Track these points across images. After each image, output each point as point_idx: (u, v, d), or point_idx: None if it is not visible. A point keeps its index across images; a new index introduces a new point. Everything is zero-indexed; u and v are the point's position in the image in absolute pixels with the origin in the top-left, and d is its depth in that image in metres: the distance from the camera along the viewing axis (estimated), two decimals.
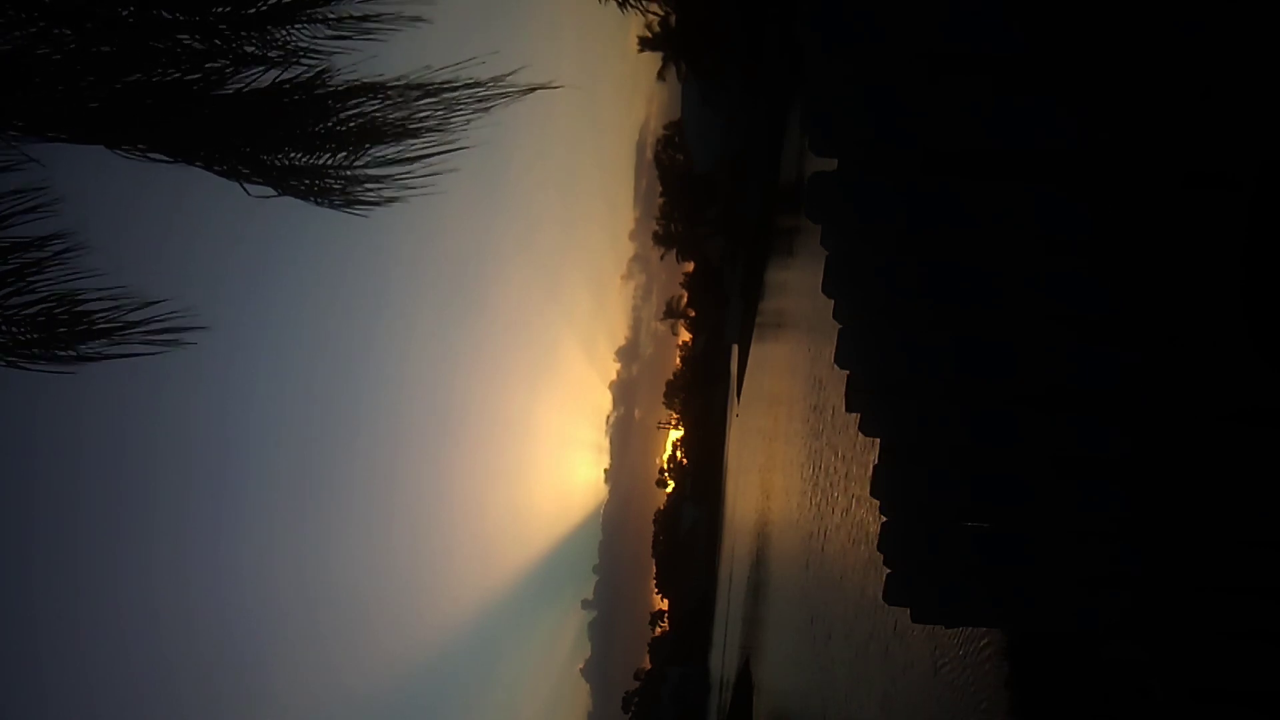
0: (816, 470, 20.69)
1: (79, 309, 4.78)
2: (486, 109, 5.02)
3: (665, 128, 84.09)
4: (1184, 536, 4.59)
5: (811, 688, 18.31)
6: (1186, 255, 4.15)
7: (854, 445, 15.84)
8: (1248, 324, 4.19)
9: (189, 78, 4.68)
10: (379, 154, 5.11)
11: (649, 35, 57.48)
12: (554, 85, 5.27)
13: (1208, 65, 3.90)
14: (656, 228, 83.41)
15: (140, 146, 4.75)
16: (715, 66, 51.37)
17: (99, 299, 4.81)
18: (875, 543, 4.93)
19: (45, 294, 4.74)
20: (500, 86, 4.99)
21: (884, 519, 4.93)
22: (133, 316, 4.83)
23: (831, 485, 18.20)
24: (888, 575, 5.00)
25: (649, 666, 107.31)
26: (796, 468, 24.88)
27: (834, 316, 4.64)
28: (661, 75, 64.39)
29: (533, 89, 5.07)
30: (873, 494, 4.90)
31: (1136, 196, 4.10)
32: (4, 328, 4.73)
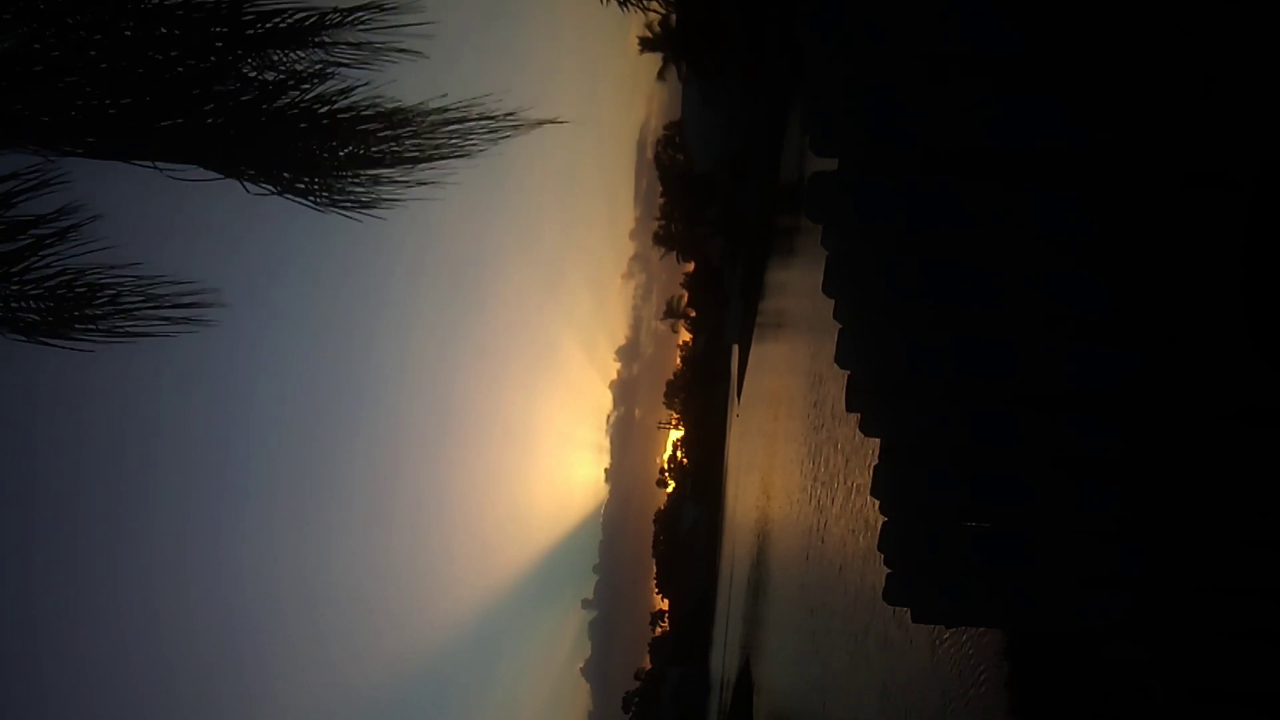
0: (816, 464, 20.82)
1: (96, 285, 4.81)
2: (495, 140, 5.24)
3: (665, 128, 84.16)
4: (1184, 536, 4.59)
5: (812, 678, 18.40)
6: (1186, 255, 4.15)
7: (853, 437, 15.88)
8: (1248, 324, 4.19)
9: (192, 71, 4.70)
10: (381, 151, 5.16)
11: (649, 35, 57.49)
12: (561, 120, 5.57)
13: (1208, 65, 3.90)
14: (657, 228, 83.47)
15: (148, 157, 4.78)
16: (715, 66, 51.36)
17: (116, 276, 4.84)
18: (874, 531, 4.94)
19: (60, 269, 4.75)
20: (511, 120, 5.21)
21: (884, 519, 4.94)
22: (153, 292, 4.87)
23: (831, 477, 18.30)
24: (888, 575, 5.00)
25: (649, 666, 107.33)
26: (797, 464, 24.96)
27: (834, 316, 4.64)
28: (661, 75, 64.35)
29: (540, 123, 5.31)
30: (873, 494, 4.90)
31: (1136, 196, 4.10)
32: (22, 303, 4.76)
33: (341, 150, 5.05)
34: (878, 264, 4.40)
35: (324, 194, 5.19)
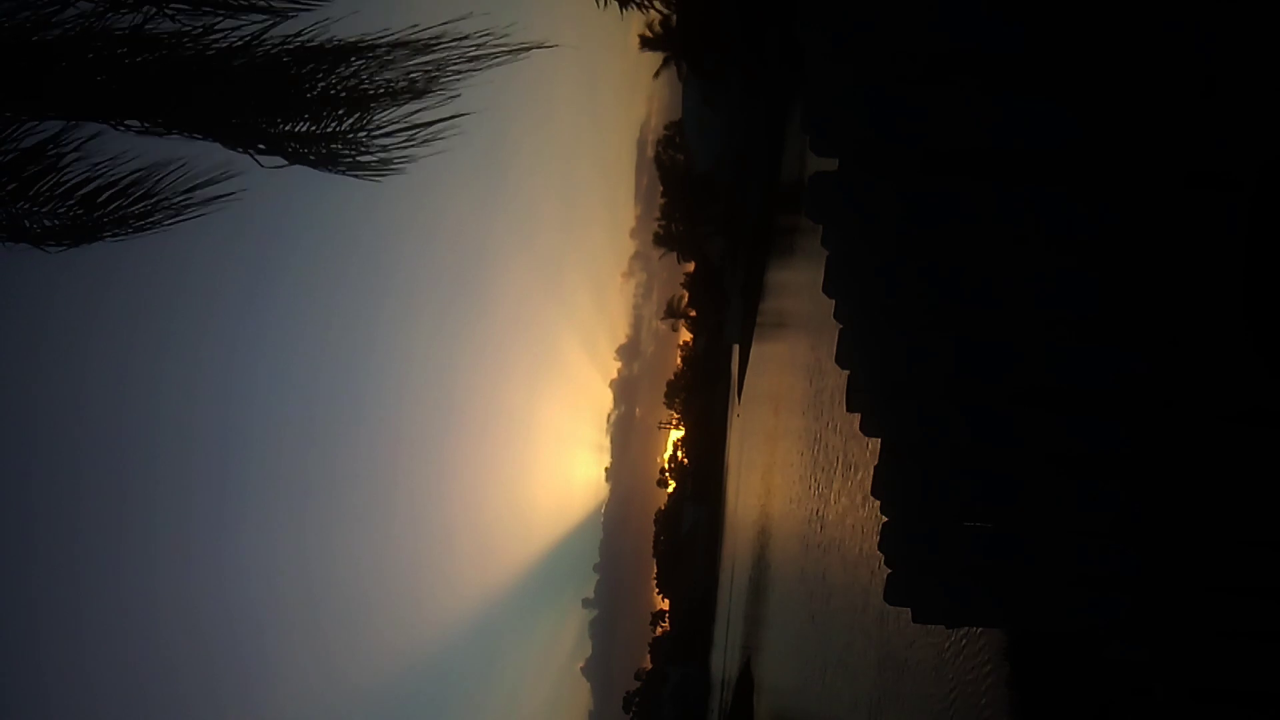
0: (815, 452, 21.15)
1: (116, 185, 4.93)
2: (477, 68, 4.92)
3: (665, 128, 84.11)
4: (1184, 536, 4.58)
5: (810, 658, 18.64)
6: (1187, 255, 4.15)
7: (851, 421, 15.94)
8: (1248, 324, 4.19)
9: (193, 50, 4.72)
10: (384, 118, 5.11)
11: (650, 35, 57.42)
12: (548, 45, 5.11)
13: (1209, 65, 3.90)
14: (657, 228, 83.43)
15: (146, 124, 4.82)
16: (715, 67, 51.31)
17: (133, 174, 4.95)
18: (871, 504, 4.94)
19: (79, 177, 4.89)
20: (492, 44, 4.89)
21: (884, 519, 4.94)
22: (173, 178, 4.97)
23: (830, 463, 18.58)
24: (888, 575, 5.00)
25: (650, 666, 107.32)
26: (796, 455, 25.19)
27: (834, 316, 4.64)
28: (657, 73, 64.11)
29: (527, 48, 4.94)
30: (873, 494, 4.90)
31: (1136, 196, 4.10)
32: (47, 216, 4.89)
33: (302, 95, 4.96)
34: (878, 264, 4.40)
35: (331, 160, 5.17)
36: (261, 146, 5.07)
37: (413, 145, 5.11)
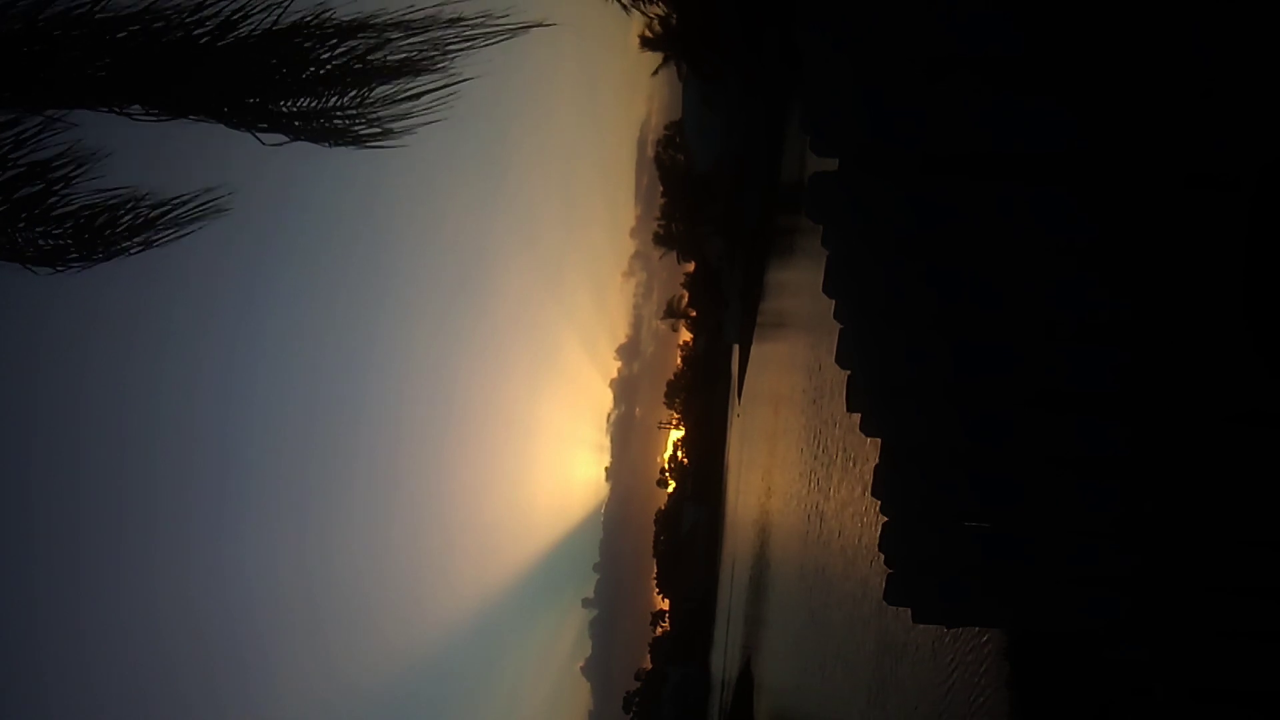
0: (815, 445, 21.27)
1: (113, 206, 5.07)
2: (473, 46, 5.02)
3: (665, 128, 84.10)
4: (1184, 536, 4.59)
5: (809, 651, 18.73)
6: (1187, 256, 4.15)
7: (850, 416, 15.97)
8: (1248, 324, 4.19)
9: (191, 33, 4.75)
10: (384, 93, 5.18)
11: (650, 35, 57.40)
12: (546, 24, 5.16)
13: (1209, 65, 3.90)
14: (657, 227, 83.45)
15: (148, 109, 4.87)
16: (715, 67, 51.30)
17: (126, 199, 5.11)
18: (870, 496, 4.95)
19: (80, 203, 5.02)
20: (488, 24, 4.98)
21: (884, 519, 4.94)
22: (159, 211, 5.13)
23: (829, 455, 18.68)
24: (888, 575, 5.01)
25: (650, 666, 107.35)
26: (796, 450, 25.29)
27: (834, 317, 4.64)
28: (656, 71, 64.04)
29: (524, 27, 5.01)
30: (873, 494, 4.91)
31: (1137, 197, 4.10)
32: (46, 238, 5.01)
33: (301, 73, 5.03)
34: (878, 264, 4.40)
35: (333, 134, 5.23)
36: (263, 125, 5.11)
37: (413, 116, 5.19)
